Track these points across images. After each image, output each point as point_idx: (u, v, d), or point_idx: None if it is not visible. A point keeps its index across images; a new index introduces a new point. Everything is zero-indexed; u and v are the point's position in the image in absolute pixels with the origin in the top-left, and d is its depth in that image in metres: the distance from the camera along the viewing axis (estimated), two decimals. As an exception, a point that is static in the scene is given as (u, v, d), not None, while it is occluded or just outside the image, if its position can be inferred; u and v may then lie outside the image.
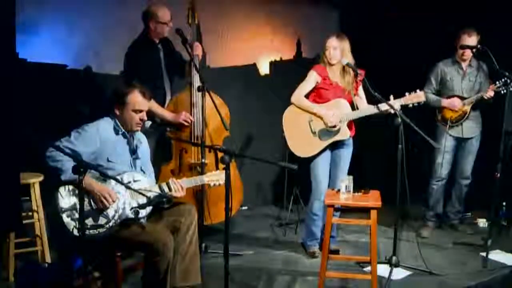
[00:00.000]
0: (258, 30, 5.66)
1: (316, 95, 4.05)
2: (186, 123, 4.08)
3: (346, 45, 3.94)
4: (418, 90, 3.87)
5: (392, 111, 3.78)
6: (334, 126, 3.91)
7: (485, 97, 4.38)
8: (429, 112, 4.64)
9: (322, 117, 3.93)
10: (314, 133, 3.98)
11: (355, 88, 4.04)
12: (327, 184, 4.03)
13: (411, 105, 3.84)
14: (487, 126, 4.63)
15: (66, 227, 2.84)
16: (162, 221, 3.15)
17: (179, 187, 3.10)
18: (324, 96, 4.00)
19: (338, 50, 3.93)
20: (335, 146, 4.06)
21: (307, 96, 4.05)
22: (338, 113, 3.92)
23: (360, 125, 4.18)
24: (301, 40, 5.93)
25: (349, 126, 4.04)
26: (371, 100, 3.97)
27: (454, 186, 4.78)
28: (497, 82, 4.30)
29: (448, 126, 4.52)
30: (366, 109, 3.97)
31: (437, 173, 4.63)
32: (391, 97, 3.84)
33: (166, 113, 4.06)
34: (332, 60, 3.96)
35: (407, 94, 3.86)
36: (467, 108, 4.49)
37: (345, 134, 3.98)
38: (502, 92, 4.24)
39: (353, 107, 4.01)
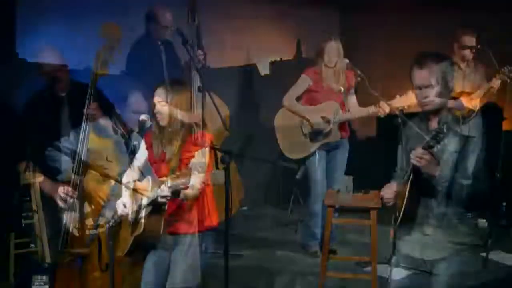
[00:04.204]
0: (258, 30, 5.66)
1: (308, 97, 4.07)
2: (197, 127, 4.08)
3: (341, 47, 3.99)
4: (410, 92, 3.84)
5: (382, 115, 3.81)
6: (321, 131, 3.92)
7: (493, 86, 4.26)
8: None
9: (309, 121, 3.94)
10: (305, 135, 3.99)
11: (347, 90, 4.05)
12: (324, 184, 4.04)
13: (401, 108, 3.81)
14: (488, 126, 4.62)
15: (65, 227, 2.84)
16: (162, 221, 3.14)
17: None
18: (316, 99, 4.02)
19: (336, 53, 3.94)
20: (330, 147, 4.06)
21: (300, 98, 4.07)
22: (328, 116, 3.94)
23: (360, 125, 4.18)
24: (301, 40, 5.93)
25: (343, 127, 4.05)
26: (363, 102, 3.98)
27: (454, 185, 4.76)
28: (504, 68, 4.12)
29: None
30: (357, 111, 3.98)
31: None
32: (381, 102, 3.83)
33: (179, 113, 4.04)
34: (331, 63, 3.97)
35: (397, 96, 3.84)
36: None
37: (336, 136, 3.98)
38: (508, 80, 4.11)
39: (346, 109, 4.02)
